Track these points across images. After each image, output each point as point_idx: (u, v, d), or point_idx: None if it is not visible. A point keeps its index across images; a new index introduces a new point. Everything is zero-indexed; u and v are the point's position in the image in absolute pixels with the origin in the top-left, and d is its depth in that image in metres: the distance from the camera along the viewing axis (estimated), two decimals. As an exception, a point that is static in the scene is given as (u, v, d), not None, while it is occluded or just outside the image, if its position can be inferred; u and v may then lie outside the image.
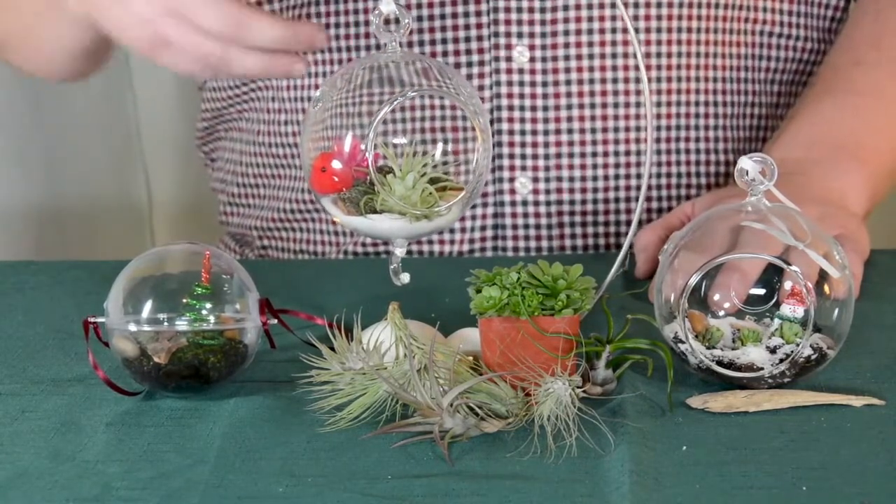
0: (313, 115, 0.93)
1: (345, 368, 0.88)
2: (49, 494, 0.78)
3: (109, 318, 0.90)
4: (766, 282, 0.92)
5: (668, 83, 1.23)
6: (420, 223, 0.92)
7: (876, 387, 0.89)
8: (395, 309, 0.92)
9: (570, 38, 1.20)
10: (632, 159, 1.23)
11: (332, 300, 1.07)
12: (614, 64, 1.21)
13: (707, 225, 0.92)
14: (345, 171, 0.92)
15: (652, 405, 0.87)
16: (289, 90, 1.28)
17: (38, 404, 0.90)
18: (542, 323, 0.87)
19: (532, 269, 0.88)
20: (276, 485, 0.79)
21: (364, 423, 0.85)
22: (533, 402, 0.84)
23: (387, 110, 0.90)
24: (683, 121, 1.24)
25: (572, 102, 1.21)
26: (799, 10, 1.27)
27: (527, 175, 1.23)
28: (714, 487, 0.77)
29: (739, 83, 1.26)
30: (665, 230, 1.10)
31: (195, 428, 0.86)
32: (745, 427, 0.84)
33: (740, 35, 1.24)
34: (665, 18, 1.21)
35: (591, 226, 1.24)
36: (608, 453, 0.81)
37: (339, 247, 1.28)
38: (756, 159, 0.88)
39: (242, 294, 0.91)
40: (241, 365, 0.91)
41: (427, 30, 1.21)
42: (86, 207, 1.83)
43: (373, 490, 0.78)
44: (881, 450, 0.81)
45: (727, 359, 0.88)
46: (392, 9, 0.90)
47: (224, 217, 1.40)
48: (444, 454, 0.81)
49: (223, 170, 1.39)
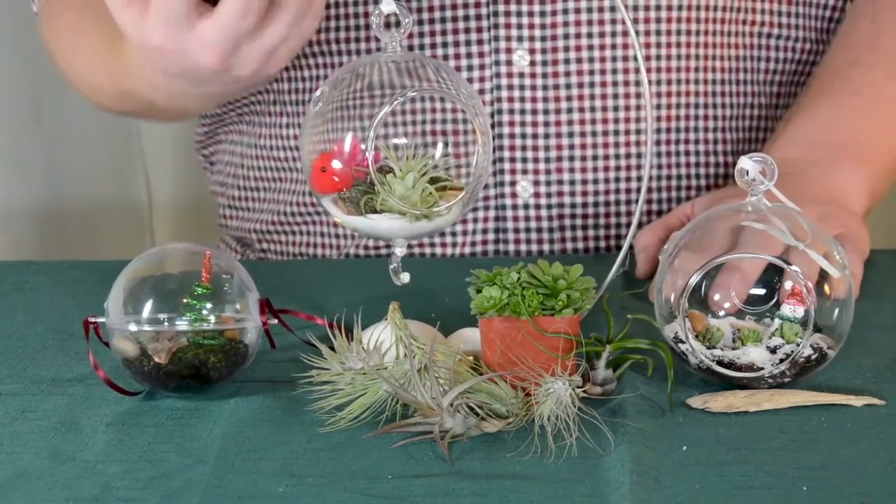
0: (313, 114, 0.93)
1: (345, 368, 0.88)
2: (49, 494, 0.78)
3: (109, 318, 0.90)
4: (766, 282, 0.92)
5: (667, 86, 1.23)
6: (420, 223, 0.92)
7: (876, 387, 0.89)
8: (395, 309, 0.92)
9: (570, 42, 1.20)
10: (632, 162, 1.23)
11: (332, 300, 1.07)
12: (614, 67, 1.21)
13: (707, 225, 0.92)
14: (345, 170, 0.92)
15: (652, 405, 0.87)
16: (290, 94, 1.28)
17: (38, 404, 0.90)
18: (543, 323, 0.87)
19: (532, 269, 0.88)
20: (276, 485, 0.79)
21: (364, 423, 0.85)
22: (533, 402, 0.84)
23: (387, 110, 0.90)
24: (683, 123, 1.24)
25: (572, 106, 1.21)
26: (798, 12, 1.27)
27: (528, 178, 1.23)
28: (714, 487, 0.77)
29: (738, 85, 1.26)
30: (665, 230, 1.10)
31: (195, 428, 0.86)
32: (745, 427, 0.84)
33: (739, 37, 1.24)
34: (664, 21, 1.21)
35: (591, 229, 1.24)
36: (608, 453, 0.81)
37: (339, 250, 1.28)
38: (756, 159, 0.88)
39: (243, 294, 0.91)
40: (242, 365, 0.91)
41: (428, 33, 1.21)
42: (86, 207, 1.83)
43: (373, 490, 0.78)
44: (881, 450, 0.81)
45: (727, 359, 0.88)
46: (392, 9, 0.90)
47: (223, 220, 1.40)
48: (444, 454, 0.81)
49: (223, 173, 1.39)
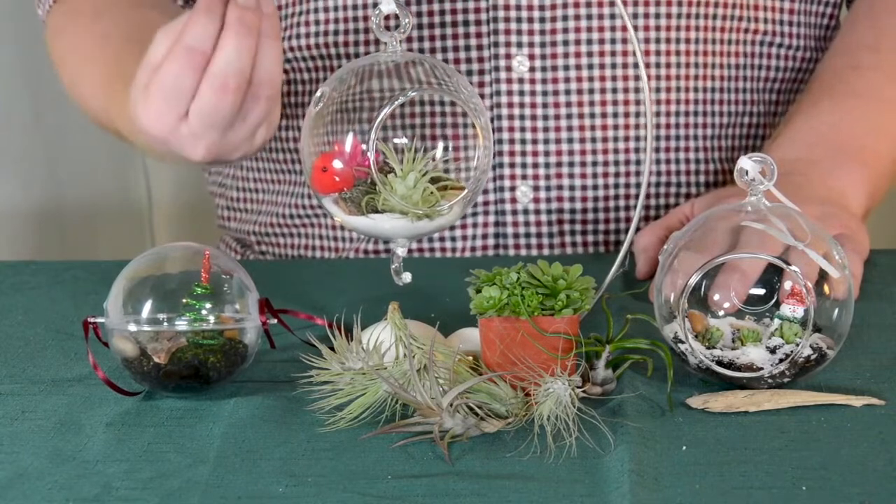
0: (314, 115, 0.93)
1: (345, 368, 0.88)
2: (49, 494, 0.78)
3: (109, 318, 0.90)
4: (766, 282, 0.92)
5: (666, 92, 1.23)
6: (421, 222, 0.92)
7: (876, 387, 0.89)
8: (395, 309, 0.92)
9: (570, 48, 1.20)
10: (631, 168, 1.23)
11: (332, 300, 1.07)
12: (613, 74, 1.21)
13: (707, 225, 0.92)
14: (346, 170, 0.92)
15: (652, 405, 0.87)
16: (289, 95, 1.28)
17: (38, 404, 0.90)
18: (542, 323, 0.87)
19: (532, 269, 0.88)
20: (276, 485, 0.79)
21: (364, 423, 0.85)
22: (533, 402, 0.84)
23: (388, 110, 0.90)
24: (682, 130, 1.24)
25: (572, 111, 1.21)
26: (797, 20, 1.27)
27: (527, 183, 1.23)
28: (714, 487, 0.77)
29: (737, 92, 1.26)
30: (665, 231, 1.10)
31: (195, 428, 0.86)
32: (745, 427, 0.84)
33: (738, 45, 1.24)
34: (664, 29, 1.21)
35: (591, 234, 1.25)
36: (608, 453, 0.81)
37: (338, 252, 1.28)
38: (756, 159, 0.88)
39: (242, 294, 0.91)
40: (241, 365, 0.91)
41: (427, 38, 1.21)
42: (86, 207, 1.83)
43: (373, 490, 0.78)
44: (881, 450, 0.81)
45: (727, 359, 0.88)
46: (392, 8, 0.90)
47: (222, 221, 1.40)
48: (444, 454, 0.81)
49: (222, 174, 1.39)
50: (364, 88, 0.92)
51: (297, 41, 1.25)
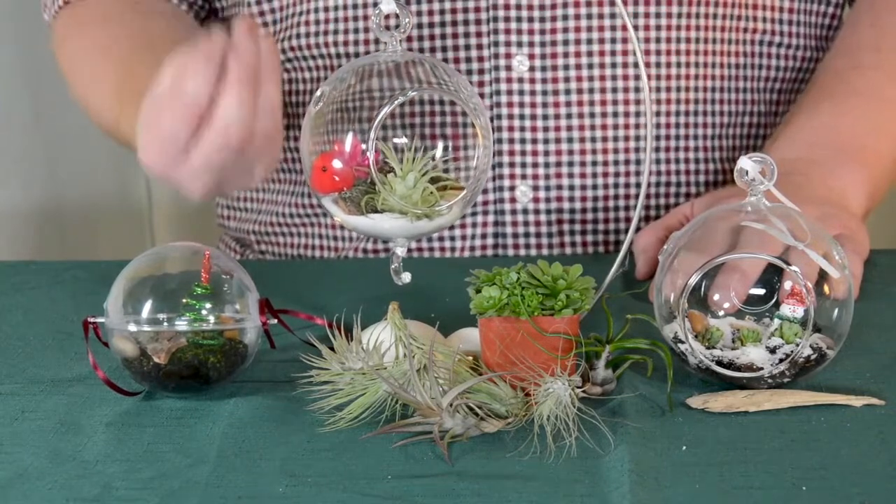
0: (314, 114, 0.93)
1: (345, 368, 0.88)
2: (49, 494, 0.78)
3: (109, 318, 0.90)
4: (766, 282, 0.92)
5: (666, 92, 1.23)
6: (421, 222, 0.92)
7: (876, 387, 0.89)
8: (394, 309, 0.92)
9: (570, 48, 1.20)
10: (631, 168, 1.23)
11: (332, 300, 1.07)
12: (613, 73, 1.21)
13: (707, 225, 0.92)
14: (345, 170, 0.92)
15: (652, 405, 0.87)
16: (289, 94, 1.28)
17: (38, 404, 0.90)
18: (542, 323, 0.87)
19: (532, 269, 0.88)
20: (276, 485, 0.79)
21: (364, 423, 0.85)
22: (533, 402, 0.84)
23: (388, 110, 0.90)
24: (682, 129, 1.24)
25: (572, 111, 1.21)
26: (797, 20, 1.27)
27: (527, 183, 1.23)
28: (714, 487, 0.77)
29: (737, 91, 1.26)
30: (665, 231, 1.10)
31: (195, 428, 0.86)
32: (745, 427, 0.84)
33: (738, 45, 1.24)
34: (664, 28, 1.21)
35: (590, 234, 1.25)
36: (608, 453, 0.81)
37: (338, 252, 1.28)
38: (756, 159, 0.88)
39: (242, 294, 0.91)
40: (241, 365, 0.91)
41: (427, 37, 1.21)
42: (86, 207, 1.83)
43: (373, 490, 0.78)
44: (881, 450, 0.81)
45: (727, 359, 0.88)
46: (392, 8, 0.90)
47: (222, 220, 1.40)
48: (444, 454, 0.81)
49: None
50: (364, 88, 0.92)
51: (297, 41, 1.25)
